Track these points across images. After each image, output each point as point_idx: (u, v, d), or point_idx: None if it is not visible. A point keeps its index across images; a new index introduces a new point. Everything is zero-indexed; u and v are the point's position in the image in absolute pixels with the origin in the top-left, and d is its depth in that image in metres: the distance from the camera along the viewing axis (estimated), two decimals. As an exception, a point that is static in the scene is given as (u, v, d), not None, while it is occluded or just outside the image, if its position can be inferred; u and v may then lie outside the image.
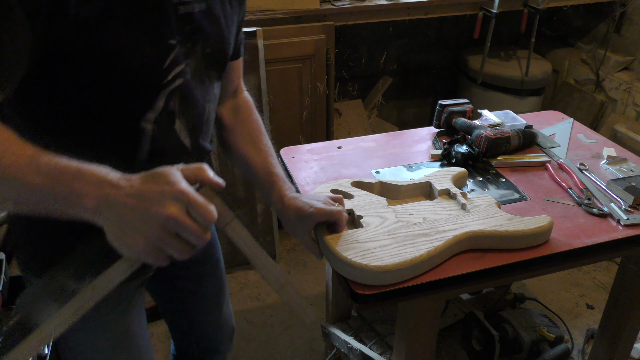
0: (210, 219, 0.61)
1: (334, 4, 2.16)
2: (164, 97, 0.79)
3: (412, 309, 1.03)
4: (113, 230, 0.62)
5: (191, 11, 0.79)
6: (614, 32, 2.82)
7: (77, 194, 0.61)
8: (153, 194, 0.60)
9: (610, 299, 1.37)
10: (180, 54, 0.79)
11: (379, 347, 1.47)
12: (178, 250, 0.62)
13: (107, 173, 0.63)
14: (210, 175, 0.65)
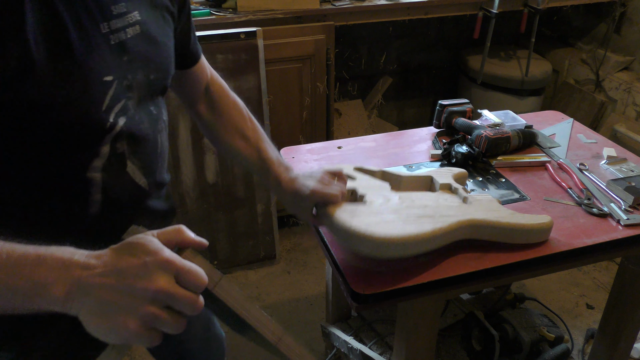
0: (202, 284, 0.55)
1: (334, 4, 2.16)
2: (109, 142, 0.71)
3: (412, 309, 1.03)
4: (93, 317, 0.54)
5: (124, 39, 0.71)
6: (614, 32, 2.82)
7: (41, 285, 0.52)
8: (135, 268, 0.53)
9: (610, 299, 1.37)
10: (119, 90, 0.71)
11: (379, 347, 1.47)
12: (173, 324, 0.55)
13: (71, 253, 0.55)
14: (191, 236, 0.59)
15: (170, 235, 0.58)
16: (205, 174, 2.07)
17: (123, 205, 0.76)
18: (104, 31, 0.68)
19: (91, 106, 0.67)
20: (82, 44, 0.65)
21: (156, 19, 0.79)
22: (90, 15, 0.67)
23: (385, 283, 0.91)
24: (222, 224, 2.19)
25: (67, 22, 0.63)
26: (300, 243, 2.47)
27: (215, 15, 2.00)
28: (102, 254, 0.55)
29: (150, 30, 0.76)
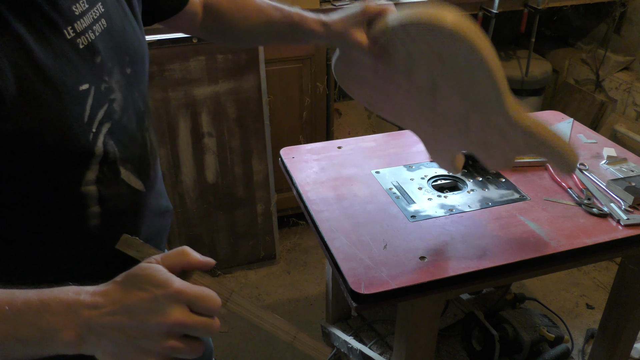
0: (216, 307, 0.54)
1: (334, 4, 2.16)
2: (99, 152, 0.67)
3: (412, 309, 1.03)
4: (110, 357, 0.52)
5: (93, 39, 0.66)
6: (614, 32, 2.82)
7: (50, 332, 0.50)
8: (146, 304, 0.51)
9: (610, 299, 1.37)
10: (99, 96, 0.66)
11: (379, 347, 1.47)
12: (191, 351, 0.53)
13: (76, 293, 0.52)
14: (197, 257, 0.57)
15: (175, 259, 0.56)
16: (205, 174, 2.07)
17: (123, 212, 0.74)
18: (69, 37, 0.63)
19: (72, 122, 0.63)
20: (48, 58, 0.60)
21: (119, 8, 0.74)
22: (50, 23, 0.61)
23: (385, 283, 0.91)
24: (222, 224, 2.19)
25: (26, 39, 0.58)
26: (300, 243, 2.47)
27: (215, 15, 2.00)
28: (108, 291, 0.53)
29: (116, 21, 0.71)
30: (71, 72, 0.62)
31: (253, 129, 2.07)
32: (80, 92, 0.64)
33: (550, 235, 1.04)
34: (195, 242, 2.16)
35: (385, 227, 1.05)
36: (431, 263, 0.96)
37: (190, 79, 1.90)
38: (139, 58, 0.76)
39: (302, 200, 1.17)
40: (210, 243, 2.21)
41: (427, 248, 1.00)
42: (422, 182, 1.21)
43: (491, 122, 0.87)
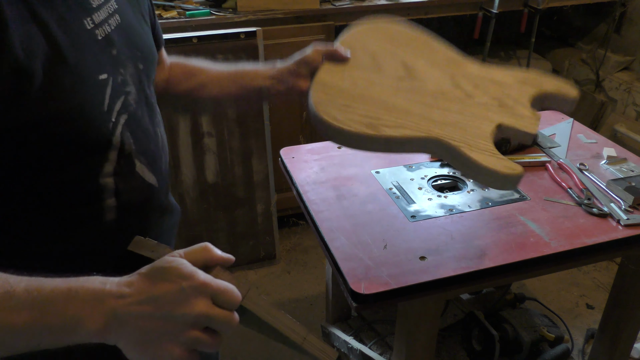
0: (237, 301, 0.55)
1: (334, 4, 2.16)
2: (117, 142, 0.68)
3: (412, 309, 1.03)
4: (135, 346, 0.53)
5: (109, 31, 0.68)
6: (614, 32, 2.82)
7: (76, 319, 0.51)
8: (172, 295, 0.52)
9: (610, 299, 1.37)
10: (116, 87, 0.68)
11: (379, 347, 1.47)
12: (212, 344, 0.55)
13: (102, 283, 0.53)
14: (218, 254, 0.59)
15: (197, 254, 0.58)
16: (205, 174, 2.07)
17: (137, 207, 0.74)
18: (89, 27, 0.65)
19: (94, 109, 0.64)
20: (71, 45, 0.61)
21: (131, 4, 0.76)
22: (72, 12, 0.63)
23: (385, 283, 0.91)
24: (222, 224, 2.19)
25: (51, 26, 0.59)
26: (300, 243, 2.47)
27: (215, 15, 2.01)
28: (134, 281, 0.54)
29: (129, 17, 0.74)
30: (91, 61, 0.64)
31: (253, 129, 2.07)
32: (100, 81, 0.65)
33: (550, 235, 1.04)
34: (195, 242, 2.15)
35: (385, 227, 1.05)
36: (431, 263, 0.96)
37: (190, 79, 1.90)
38: (150, 56, 0.78)
39: (302, 200, 1.17)
40: (210, 243, 2.21)
41: (427, 248, 1.00)
42: (422, 182, 1.21)
43: (468, 73, 0.93)
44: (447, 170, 1.26)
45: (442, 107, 0.87)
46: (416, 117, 0.85)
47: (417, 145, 0.85)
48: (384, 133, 0.82)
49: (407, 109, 0.86)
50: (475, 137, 0.84)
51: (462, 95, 0.90)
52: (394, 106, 0.86)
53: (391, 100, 0.87)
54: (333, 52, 0.90)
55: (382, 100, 0.87)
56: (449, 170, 1.26)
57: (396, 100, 0.87)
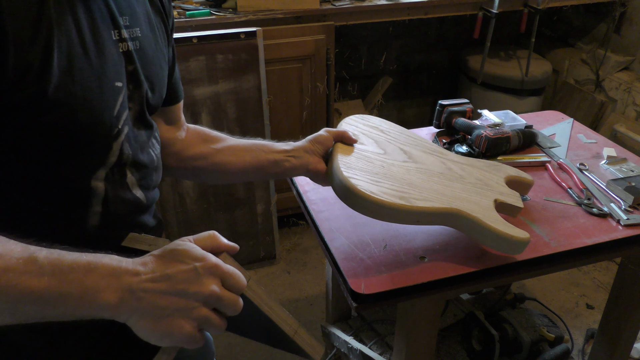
0: (243, 286, 0.59)
1: (334, 4, 2.16)
2: (117, 149, 0.71)
3: (412, 309, 1.03)
4: (147, 322, 0.56)
5: (130, 49, 0.73)
6: (614, 32, 2.82)
7: (93, 290, 0.53)
8: (185, 274, 0.56)
9: (610, 299, 1.37)
10: (126, 98, 0.71)
11: (379, 347, 1.47)
12: (219, 324, 0.58)
13: (119, 261, 0.56)
14: (225, 242, 0.62)
15: (205, 241, 0.61)
16: (205, 174, 2.07)
17: (121, 219, 0.75)
18: (114, 38, 0.70)
19: (105, 110, 0.67)
20: (97, 48, 0.66)
21: (154, 41, 0.80)
22: (104, 21, 0.68)
23: (385, 283, 0.91)
24: (222, 224, 2.19)
25: (83, 24, 0.64)
26: (300, 243, 2.47)
27: (215, 15, 2.00)
28: (147, 261, 0.57)
29: (148, 49, 0.77)
30: (111, 66, 0.68)
31: (253, 129, 2.07)
32: (116, 87, 0.69)
33: (550, 235, 1.04)
34: (195, 242, 2.16)
35: (385, 227, 1.05)
36: (431, 263, 0.96)
37: (190, 79, 1.90)
38: (158, 88, 0.81)
39: (302, 200, 1.17)
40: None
41: (427, 248, 1.00)
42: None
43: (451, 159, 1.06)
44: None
45: (448, 186, 0.97)
46: (435, 193, 0.93)
47: (441, 218, 0.92)
48: (415, 205, 0.88)
49: (424, 186, 0.93)
50: (485, 210, 0.94)
51: (457, 176, 1.00)
52: (413, 183, 0.93)
53: (408, 178, 0.94)
54: (343, 135, 0.97)
55: (401, 178, 0.93)
56: (449, 170, 1.26)
57: (412, 178, 0.94)
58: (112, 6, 0.70)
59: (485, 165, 1.08)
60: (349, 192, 0.86)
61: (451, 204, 0.91)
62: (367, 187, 0.86)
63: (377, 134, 1.03)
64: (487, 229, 0.91)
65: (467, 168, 1.04)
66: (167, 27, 0.85)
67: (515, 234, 0.92)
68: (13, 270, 0.51)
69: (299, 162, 0.96)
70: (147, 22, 0.78)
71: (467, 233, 0.94)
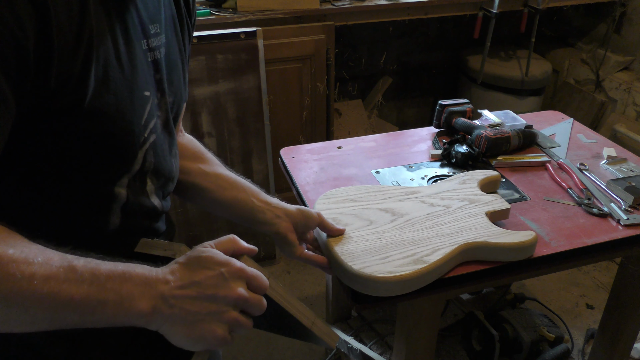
0: (266, 286, 0.62)
1: (334, 4, 2.16)
2: (142, 157, 0.72)
3: (412, 309, 1.03)
4: (180, 328, 0.58)
5: (158, 57, 0.74)
6: (614, 32, 2.82)
7: (128, 298, 0.56)
8: (213, 279, 0.58)
9: (610, 299, 1.37)
10: (153, 107, 0.72)
11: (379, 347, 1.47)
12: (247, 325, 0.61)
13: (150, 270, 0.59)
14: (245, 245, 0.65)
15: (227, 245, 0.63)
16: (205, 174, 2.07)
17: (138, 224, 0.76)
18: (144, 48, 0.71)
19: (134, 118, 0.68)
20: (129, 57, 0.67)
21: (177, 46, 0.81)
22: (135, 30, 0.69)
23: (385, 283, 0.91)
24: (222, 224, 2.19)
25: (117, 35, 0.65)
26: (300, 243, 2.47)
27: (215, 15, 2.00)
28: (175, 269, 0.59)
29: (172, 55, 0.79)
30: (141, 75, 0.69)
31: (253, 129, 2.07)
32: (144, 96, 0.70)
33: (550, 235, 1.04)
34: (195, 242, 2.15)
35: (385, 227, 1.05)
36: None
37: (190, 78, 1.90)
38: (179, 93, 0.82)
39: (302, 200, 1.17)
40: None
41: (427, 248, 1.00)
42: (422, 182, 1.21)
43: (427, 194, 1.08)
44: (447, 170, 1.26)
45: (442, 224, 0.98)
46: (437, 239, 0.94)
47: (455, 259, 0.93)
48: (431, 261, 0.89)
49: (423, 237, 0.94)
50: (485, 229, 0.96)
51: (443, 210, 1.01)
52: (414, 240, 0.94)
53: (406, 237, 0.94)
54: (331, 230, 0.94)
55: (401, 240, 0.94)
56: (449, 170, 1.26)
57: (409, 235, 0.95)
58: (144, 16, 0.70)
59: (457, 181, 1.10)
60: (369, 282, 0.87)
61: (456, 242, 0.93)
62: (382, 269, 0.87)
63: (351, 206, 1.02)
64: (498, 247, 0.94)
65: (445, 195, 1.05)
66: (190, 27, 0.85)
67: (523, 239, 0.94)
68: (55, 278, 0.53)
69: (274, 220, 0.91)
70: (172, 26, 0.79)
71: (480, 258, 0.96)
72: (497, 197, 1.06)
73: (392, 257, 0.89)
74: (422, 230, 0.96)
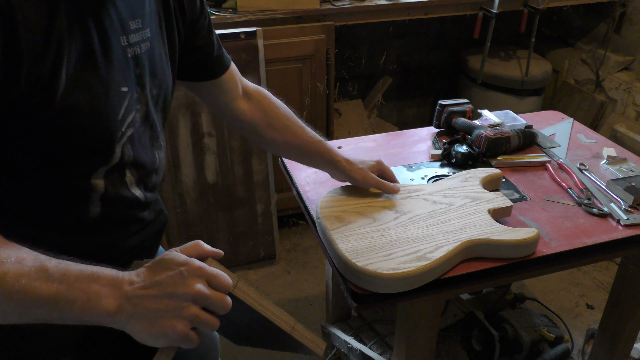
0: (228, 285, 0.63)
1: (334, 4, 2.16)
2: (119, 151, 0.74)
3: (412, 309, 1.03)
4: (142, 325, 0.61)
5: (139, 53, 0.75)
6: (614, 32, 2.82)
7: (95, 297, 0.59)
8: (173, 278, 0.61)
9: (610, 299, 1.37)
10: (131, 102, 0.74)
11: (379, 347, 1.47)
12: (210, 323, 0.63)
13: (116, 273, 0.62)
14: (208, 248, 0.67)
15: (191, 249, 0.66)
16: (205, 174, 2.07)
17: (120, 214, 0.79)
18: (122, 44, 0.71)
19: (110, 114, 0.70)
20: (104, 55, 0.68)
21: (161, 39, 0.82)
22: (113, 27, 0.70)
23: (385, 283, 0.91)
24: (222, 224, 2.19)
25: (92, 32, 0.66)
26: (300, 243, 2.47)
27: (215, 15, 2.01)
28: (140, 272, 0.63)
29: (156, 48, 0.79)
30: (118, 72, 0.70)
31: (253, 129, 2.07)
32: (121, 92, 0.71)
33: (550, 235, 1.04)
34: (195, 242, 2.15)
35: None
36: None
37: (190, 79, 1.90)
38: (163, 86, 0.83)
39: (302, 200, 1.17)
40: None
41: (427, 248, 1.00)
42: (422, 182, 1.21)
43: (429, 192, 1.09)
44: (447, 170, 1.26)
45: (444, 221, 0.98)
46: (440, 236, 0.94)
47: (458, 256, 0.94)
48: (434, 258, 0.89)
49: (426, 234, 0.95)
50: (488, 226, 0.97)
51: (446, 207, 1.02)
52: (417, 237, 0.94)
53: (410, 234, 0.95)
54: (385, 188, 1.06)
55: (404, 238, 0.94)
56: (449, 170, 1.26)
57: (413, 233, 0.95)
58: (123, 12, 0.71)
59: (460, 179, 1.10)
60: (372, 279, 0.87)
61: (459, 238, 0.93)
62: (386, 266, 0.87)
63: (354, 204, 1.03)
64: (500, 244, 0.94)
65: (448, 192, 1.06)
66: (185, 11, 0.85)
67: (525, 236, 0.95)
68: (26, 276, 0.57)
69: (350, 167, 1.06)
70: (157, 20, 0.79)
71: (483, 255, 0.96)
72: (499, 194, 1.06)
73: (396, 254, 0.90)
74: (425, 227, 0.96)
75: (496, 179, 1.12)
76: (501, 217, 1.04)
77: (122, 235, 0.81)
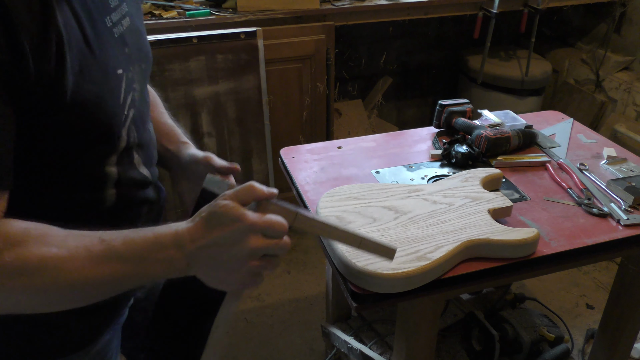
0: (284, 230, 0.64)
1: (334, 4, 2.16)
2: (125, 134, 0.75)
3: (412, 309, 1.03)
4: (208, 276, 0.65)
5: (123, 31, 0.74)
6: (614, 32, 2.82)
7: (167, 262, 0.62)
8: (228, 238, 0.62)
9: (610, 299, 1.37)
10: (127, 83, 0.74)
11: (379, 347, 1.47)
12: (270, 266, 0.65)
13: (174, 230, 0.64)
14: (264, 191, 0.66)
15: (245, 193, 0.65)
16: (205, 174, 2.07)
17: (133, 198, 0.80)
18: (109, 25, 0.71)
19: (113, 100, 0.70)
20: (96, 39, 0.67)
21: (137, 9, 0.82)
22: (97, 9, 0.69)
23: (385, 283, 0.91)
24: (222, 224, 2.19)
25: (82, 18, 0.65)
26: (300, 243, 2.47)
27: (215, 15, 2.00)
28: (198, 225, 0.63)
29: (136, 21, 0.79)
30: (111, 54, 0.70)
31: (253, 129, 2.07)
32: (118, 75, 0.71)
33: (550, 235, 1.04)
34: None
35: (385, 227, 1.05)
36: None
37: (190, 79, 1.90)
38: (148, 58, 0.83)
39: (302, 200, 1.17)
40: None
41: (427, 248, 1.00)
42: (422, 182, 1.21)
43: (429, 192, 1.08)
44: (447, 170, 1.26)
45: (444, 221, 0.98)
46: (440, 236, 0.94)
47: (458, 256, 0.93)
48: (434, 258, 0.89)
49: (426, 234, 0.95)
50: (488, 226, 0.97)
51: (446, 207, 1.02)
52: (417, 237, 0.94)
53: (409, 234, 0.95)
54: None
55: (404, 238, 0.94)
56: (449, 170, 1.26)
57: (413, 233, 0.95)
58: None
59: (460, 179, 1.10)
60: (372, 279, 0.87)
61: (459, 238, 0.93)
62: (386, 266, 0.87)
63: (354, 204, 1.03)
64: (500, 244, 0.94)
65: (448, 192, 1.06)
66: None
67: (525, 236, 0.95)
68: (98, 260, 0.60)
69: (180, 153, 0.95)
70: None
71: (483, 255, 0.96)
72: (499, 194, 1.06)
73: (396, 254, 0.90)
74: (425, 227, 0.97)
75: (496, 179, 1.12)
76: (501, 217, 1.04)
77: (134, 219, 0.82)
